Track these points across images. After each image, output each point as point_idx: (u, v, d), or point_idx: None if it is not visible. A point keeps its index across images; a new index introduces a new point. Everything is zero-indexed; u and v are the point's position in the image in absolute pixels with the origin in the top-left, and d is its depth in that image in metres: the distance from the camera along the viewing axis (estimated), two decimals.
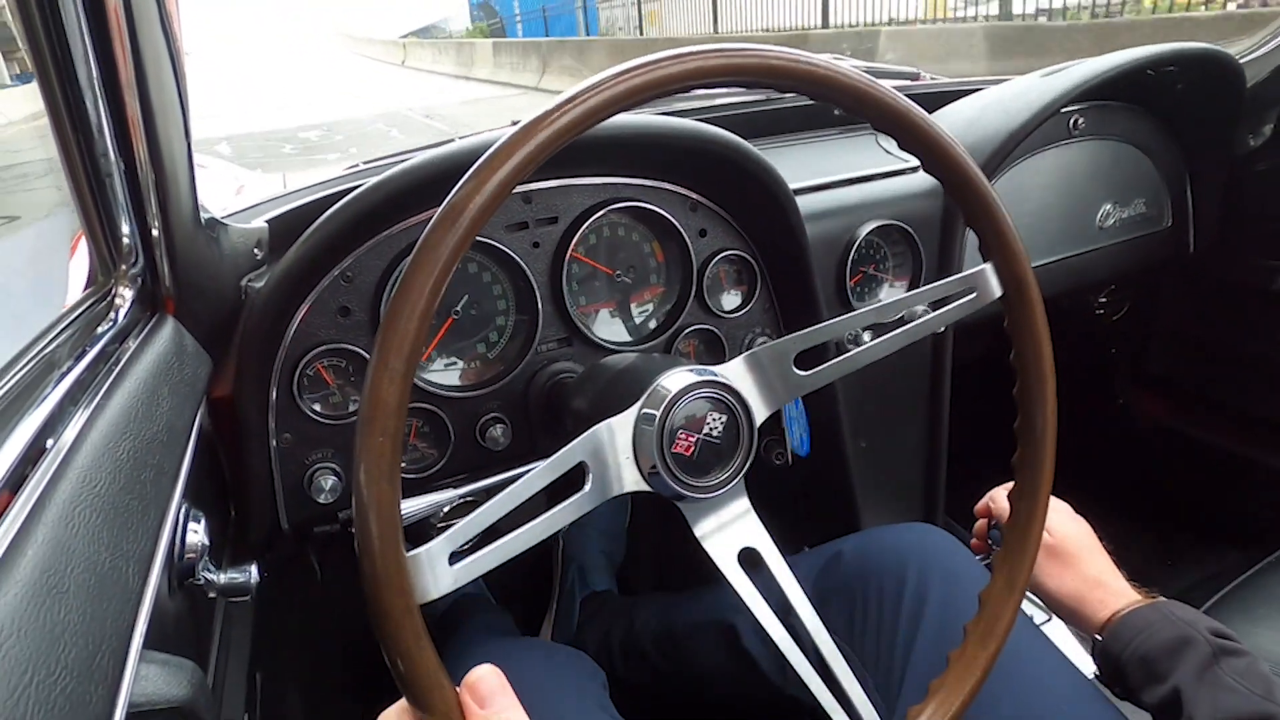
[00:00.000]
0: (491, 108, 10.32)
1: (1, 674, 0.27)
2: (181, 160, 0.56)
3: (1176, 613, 0.63)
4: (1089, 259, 1.20)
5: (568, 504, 0.45)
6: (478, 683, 0.39)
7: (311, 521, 0.78)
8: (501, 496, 0.42)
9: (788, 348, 0.51)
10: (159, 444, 0.47)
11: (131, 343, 0.55)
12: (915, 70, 1.40)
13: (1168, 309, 1.47)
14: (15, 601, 0.30)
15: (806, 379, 0.51)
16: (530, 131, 0.40)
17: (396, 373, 0.38)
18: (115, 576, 0.37)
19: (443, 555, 0.40)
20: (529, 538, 0.43)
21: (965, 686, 0.50)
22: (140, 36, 0.48)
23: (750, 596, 0.49)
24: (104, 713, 0.32)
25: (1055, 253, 1.17)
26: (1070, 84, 1.06)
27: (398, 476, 0.38)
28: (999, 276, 0.53)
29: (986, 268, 0.53)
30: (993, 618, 0.52)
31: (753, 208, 0.87)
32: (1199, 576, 0.65)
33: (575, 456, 0.46)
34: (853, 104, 0.47)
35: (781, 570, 0.50)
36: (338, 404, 0.75)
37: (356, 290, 0.73)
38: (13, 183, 0.63)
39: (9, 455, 0.38)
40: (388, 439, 0.38)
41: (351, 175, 0.86)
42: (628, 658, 1.02)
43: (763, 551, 0.50)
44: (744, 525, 0.51)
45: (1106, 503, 0.77)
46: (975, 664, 0.51)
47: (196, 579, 0.55)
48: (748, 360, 0.51)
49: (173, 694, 0.41)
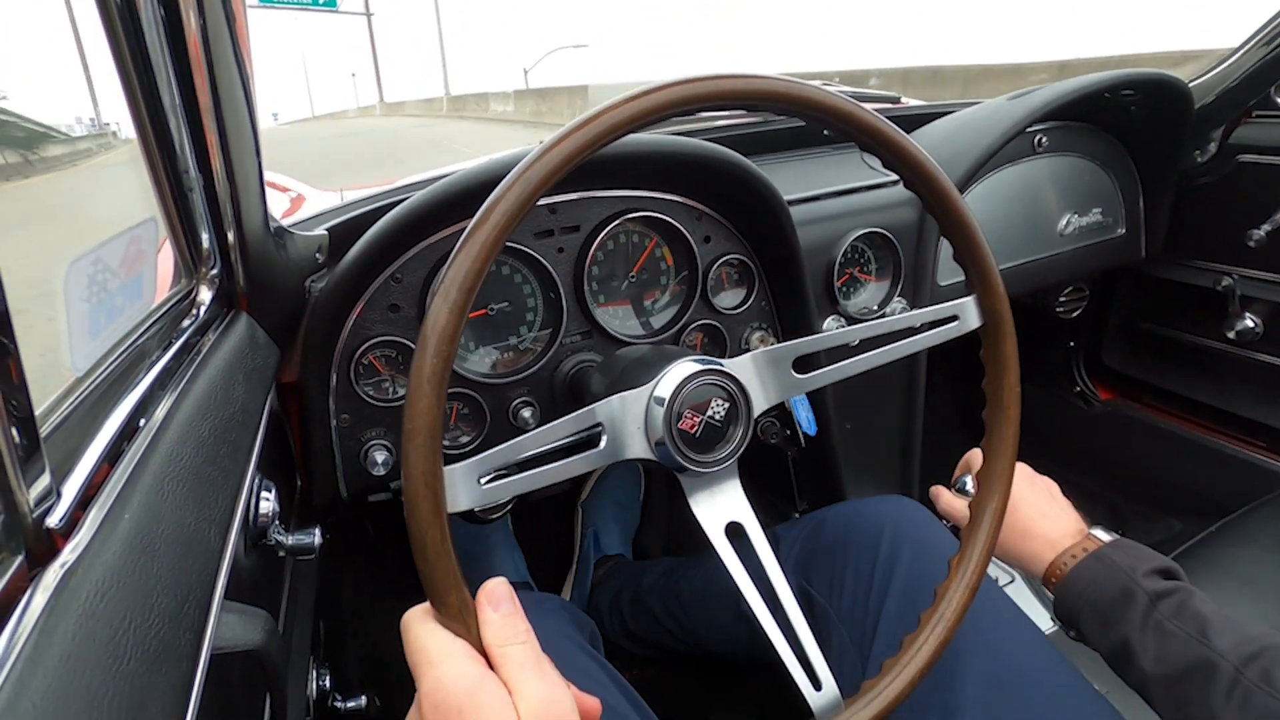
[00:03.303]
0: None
1: (104, 620, 0.28)
2: (253, 176, 0.56)
3: (1118, 560, 0.61)
4: (1051, 262, 1.19)
5: (583, 456, 0.45)
6: (493, 589, 0.39)
7: (367, 490, 0.78)
8: (529, 435, 0.43)
9: (788, 353, 0.51)
10: (235, 423, 0.48)
11: (211, 335, 0.56)
12: (896, 95, 1.39)
13: (1121, 307, 1.46)
14: (115, 558, 0.31)
15: (802, 381, 0.52)
16: (551, 149, 0.40)
17: (456, 304, 0.38)
18: (199, 537, 0.37)
19: (473, 474, 0.40)
20: (548, 476, 0.43)
21: (932, 644, 0.50)
22: (216, 68, 0.48)
23: (732, 563, 0.49)
24: (191, 654, 0.32)
25: (1021, 257, 1.16)
26: (1035, 106, 1.05)
27: (444, 394, 0.38)
28: (980, 308, 0.53)
29: (969, 300, 0.53)
30: (957, 584, 0.52)
31: (751, 217, 0.86)
32: (1147, 544, 0.65)
33: (595, 417, 0.46)
34: (866, 141, 0.47)
35: (761, 543, 0.50)
36: (388, 389, 0.76)
37: (405, 290, 0.74)
38: (110, 197, 0.64)
39: (108, 432, 0.38)
40: (440, 360, 0.38)
41: (400, 189, 0.86)
42: (637, 615, 1.02)
43: (746, 526, 0.50)
44: (733, 501, 0.51)
45: (1063, 477, 0.76)
46: (943, 622, 0.51)
47: (268, 540, 0.55)
48: (753, 359, 0.51)
49: (250, 639, 0.42)
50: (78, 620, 0.27)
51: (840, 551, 0.73)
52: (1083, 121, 1.20)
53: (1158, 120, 1.18)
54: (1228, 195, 1.22)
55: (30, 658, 0.25)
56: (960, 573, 0.52)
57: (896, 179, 1.02)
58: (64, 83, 0.55)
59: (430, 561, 0.37)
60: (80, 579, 0.29)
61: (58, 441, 0.36)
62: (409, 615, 0.38)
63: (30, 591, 0.28)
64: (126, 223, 0.55)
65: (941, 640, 0.50)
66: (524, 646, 0.37)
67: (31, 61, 0.54)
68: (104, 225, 0.55)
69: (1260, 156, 1.17)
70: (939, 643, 0.50)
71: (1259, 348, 1.24)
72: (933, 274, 1.03)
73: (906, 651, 0.50)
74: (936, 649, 0.50)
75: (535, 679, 0.35)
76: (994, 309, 0.52)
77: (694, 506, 0.50)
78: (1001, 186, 1.12)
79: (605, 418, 0.47)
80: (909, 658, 0.49)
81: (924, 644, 0.50)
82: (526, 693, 0.35)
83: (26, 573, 0.29)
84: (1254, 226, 1.17)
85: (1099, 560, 0.62)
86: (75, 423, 0.38)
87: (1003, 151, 1.05)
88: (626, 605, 1.05)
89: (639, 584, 1.05)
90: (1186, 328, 1.35)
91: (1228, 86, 1.16)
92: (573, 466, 0.44)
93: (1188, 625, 0.56)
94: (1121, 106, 1.17)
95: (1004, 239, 1.14)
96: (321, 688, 0.68)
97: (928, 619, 0.51)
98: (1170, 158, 1.22)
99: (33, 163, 0.54)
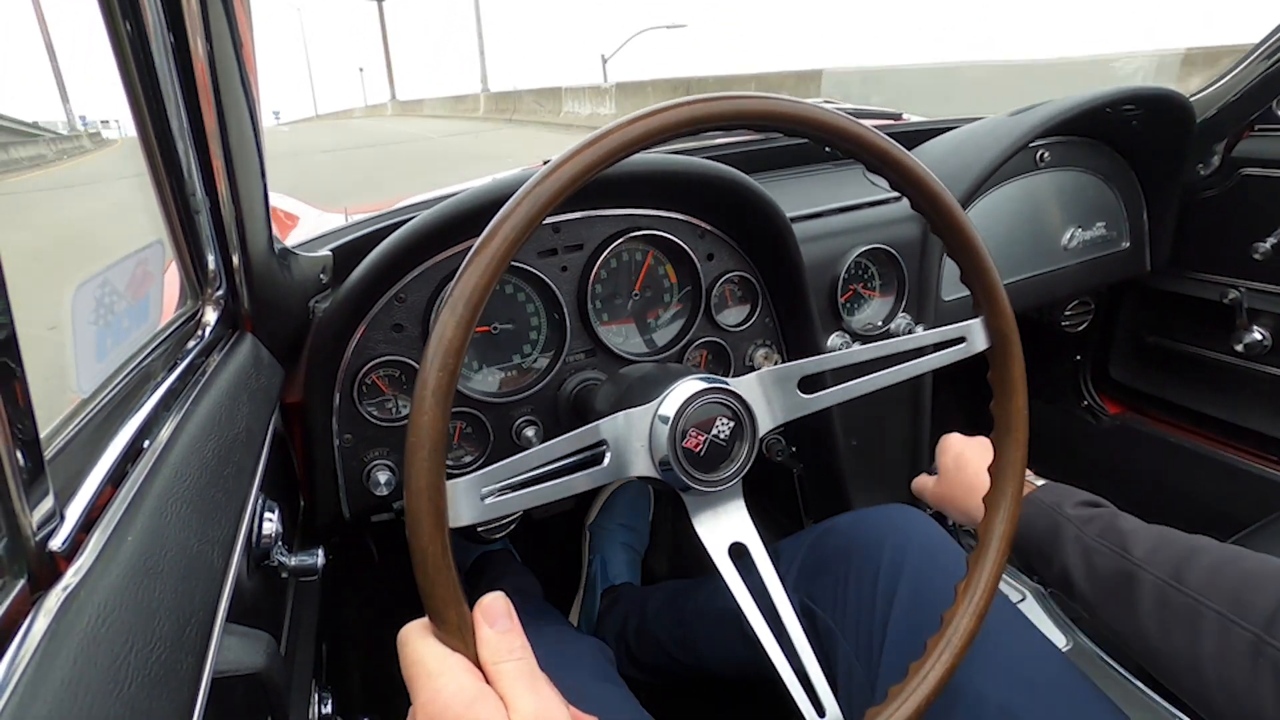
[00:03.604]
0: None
1: (106, 644, 0.28)
2: (258, 199, 0.57)
3: (1045, 499, 0.66)
4: (1056, 276, 1.19)
5: (587, 473, 0.45)
6: (489, 604, 0.39)
7: (369, 510, 0.78)
8: (532, 451, 0.43)
9: (794, 372, 0.51)
10: (239, 444, 0.48)
11: (216, 356, 0.56)
12: (898, 111, 1.39)
13: (1127, 321, 1.45)
14: (118, 581, 0.31)
15: (808, 401, 0.51)
16: (557, 168, 0.41)
17: (462, 319, 0.38)
18: (202, 559, 0.37)
19: (475, 489, 0.40)
20: (552, 492, 0.43)
21: (939, 672, 0.49)
22: (223, 93, 0.49)
23: (735, 585, 0.48)
24: (193, 679, 0.32)
25: (1025, 271, 1.16)
26: (1037, 121, 1.06)
27: (448, 409, 0.38)
28: (987, 329, 0.53)
29: (976, 322, 0.53)
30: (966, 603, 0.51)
31: (754, 234, 0.87)
32: None
33: (599, 434, 0.46)
34: (871, 160, 0.48)
35: (765, 565, 0.50)
36: (391, 409, 0.76)
37: (408, 310, 0.74)
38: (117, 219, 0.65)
39: (112, 454, 0.39)
40: (446, 373, 0.38)
41: (404, 209, 0.87)
42: (642, 643, 1.01)
43: (750, 547, 0.50)
44: (737, 521, 0.50)
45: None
46: (949, 649, 0.50)
47: (271, 561, 0.55)
48: (759, 378, 0.51)
49: (252, 662, 0.42)
50: (80, 644, 0.27)
51: (843, 563, 0.72)
52: (1085, 136, 1.20)
53: (1160, 134, 1.18)
54: (1233, 208, 1.22)
55: (32, 682, 0.25)
56: (967, 599, 0.51)
57: (899, 195, 1.03)
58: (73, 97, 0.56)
59: (430, 576, 0.37)
60: (83, 602, 0.29)
61: (62, 464, 0.36)
62: (407, 630, 0.39)
63: (32, 615, 0.28)
64: (131, 245, 0.55)
65: (948, 667, 0.49)
66: (520, 663, 0.37)
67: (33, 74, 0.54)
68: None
69: (1264, 170, 1.17)
70: (946, 669, 0.49)
71: (1268, 360, 1.24)
72: (937, 289, 1.03)
73: (912, 679, 0.49)
74: (943, 675, 0.49)
75: (530, 694, 0.36)
76: (1001, 330, 0.52)
77: (698, 526, 0.50)
78: (1004, 202, 1.13)
79: (609, 435, 0.47)
80: (914, 685, 0.49)
81: (930, 672, 0.49)
82: (521, 708, 0.35)
83: (29, 596, 0.29)
84: (1259, 239, 1.17)
85: (1029, 503, 0.66)
86: (80, 445, 0.39)
87: (1005, 167, 1.06)
88: (632, 636, 1.04)
89: (644, 612, 1.04)
90: (1194, 341, 1.34)
91: (1229, 100, 1.16)
92: (576, 483, 0.44)
93: (1110, 541, 0.59)
94: (1123, 121, 1.17)
95: (1008, 254, 1.14)
96: (323, 711, 0.68)
97: (934, 646, 0.50)
98: (1173, 171, 1.22)
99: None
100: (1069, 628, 0.97)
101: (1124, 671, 0.84)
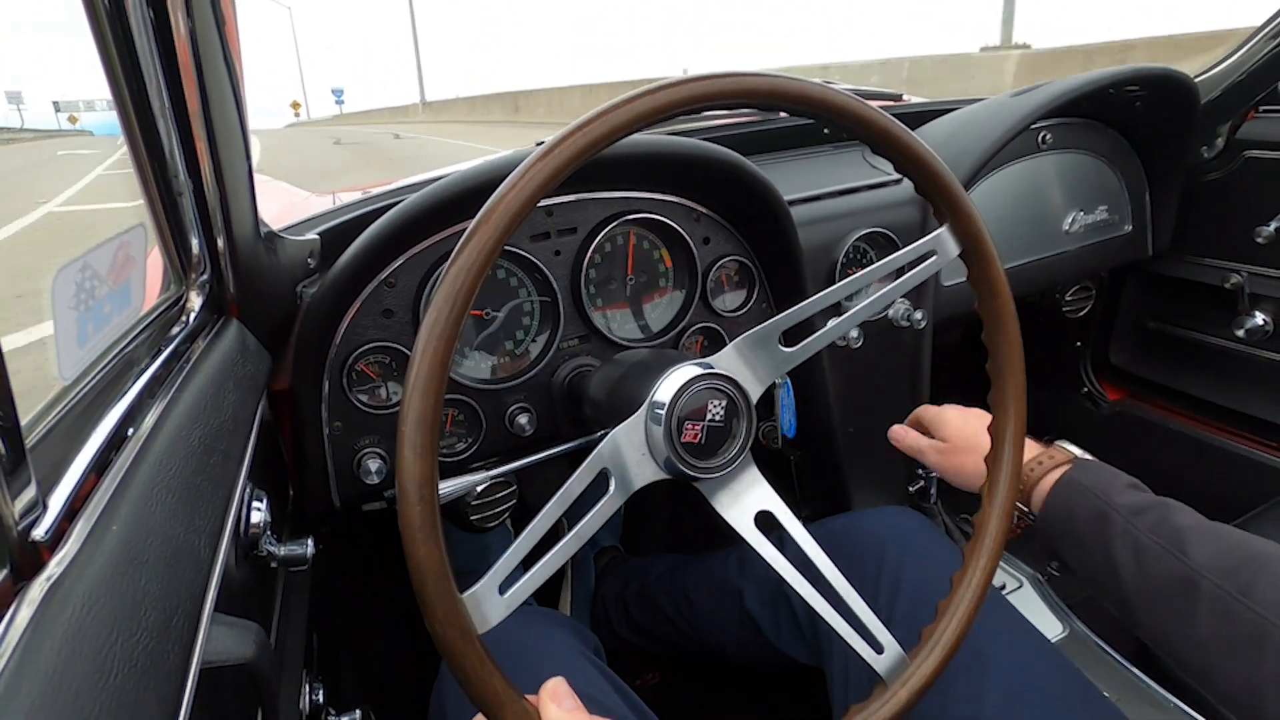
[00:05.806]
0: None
1: (91, 634, 0.28)
2: (243, 181, 0.56)
3: (1089, 483, 0.61)
4: (1057, 261, 1.19)
5: (598, 509, 0.44)
6: (554, 689, 0.40)
7: (360, 499, 0.78)
8: (532, 527, 0.42)
9: (771, 330, 0.50)
10: (226, 432, 0.48)
11: (201, 342, 0.56)
12: (899, 93, 1.39)
13: (1129, 306, 1.46)
14: (102, 571, 0.30)
15: (793, 353, 0.50)
16: (554, 149, 0.40)
17: (456, 305, 0.38)
18: (189, 548, 0.37)
19: (491, 590, 0.40)
20: (565, 553, 0.43)
21: (948, 641, 0.50)
22: (205, 71, 0.48)
23: (770, 554, 0.48)
24: (180, 669, 0.32)
25: (1026, 255, 1.16)
26: (1039, 102, 1.05)
27: (441, 396, 0.38)
28: (955, 236, 0.51)
29: (943, 230, 0.51)
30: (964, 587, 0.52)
31: (751, 217, 0.86)
32: None
33: (596, 466, 0.45)
34: (871, 137, 0.48)
35: (794, 526, 0.50)
36: (382, 395, 0.76)
37: (398, 294, 0.74)
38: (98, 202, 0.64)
39: (95, 442, 0.38)
40: (439, 360, 0.38)
41: (393, 192, 0.86)
42: (643, 608, 1.04)
43: (776, 512, 0.50)
44: (757, 492, 0.50)
45: None
46: (955, 619, 0.51)
47: (260, 551, 0.55)
48: (736, 347, 0.50)
49: (240, 652, 0.42)
50: (64, 635, 0.27)
51: (843, 563, 0.72)
52: (1087, 118, 1.20)
53: (1163, 116, 1.18)
54: (1235, 191, 1.22)
55: (14, 674, 0.25)
56: (964, 585, 0.52)
57: (898, 177, 1.03)
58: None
59: (474, 685, 0.38)
60: (66, 592, 0.29)
61: (44, 452, 0.36)
62: None
63: (15, 606, 0.28)
64: (112, 229, 0.55)
65: (971, 609, 0.51)
66: None
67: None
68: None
69: (1267, 152, 1.17)
70: (969, 610, 0.51)
71: (1269, 346, 1.24)
72: (936, 274, 1.03)
73: (941, 621, 0.51)
74: (966, 620, 0.51)
75: None
76: (971, 232, 0.51)
77: (718, 509, 0.49)
78: (1006, 184, 1.12)
79: (608, 461, 0.46)
80: (944, 626, 0.50)
81: (953, 618, 0.50)
82: None
83: (11, 587, 0.29)
84: (1262, 223, 1.17)
85: (1069, 487, 0.62)
86: (62, 432, 0.38)
87: (1007, 149, 1.06)
88: (633, 597, 1.06)
89: (646, 577, 1.06)
90: (1195, 326, 1.35)
91: (1234, 81, 1.16)
92: (590, 525, 0.44)
93: (1165, 540, 0.55)
94: (1126, 102, 1.17)
95: (1009, 237, 1.14)
96: (315, 701, 0.68)
97: (928, 633, 0.51)
98: (1176, 154, 1.22)
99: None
100: (1065, 614, 0.98)
101: (1121, 659, 0.85)
